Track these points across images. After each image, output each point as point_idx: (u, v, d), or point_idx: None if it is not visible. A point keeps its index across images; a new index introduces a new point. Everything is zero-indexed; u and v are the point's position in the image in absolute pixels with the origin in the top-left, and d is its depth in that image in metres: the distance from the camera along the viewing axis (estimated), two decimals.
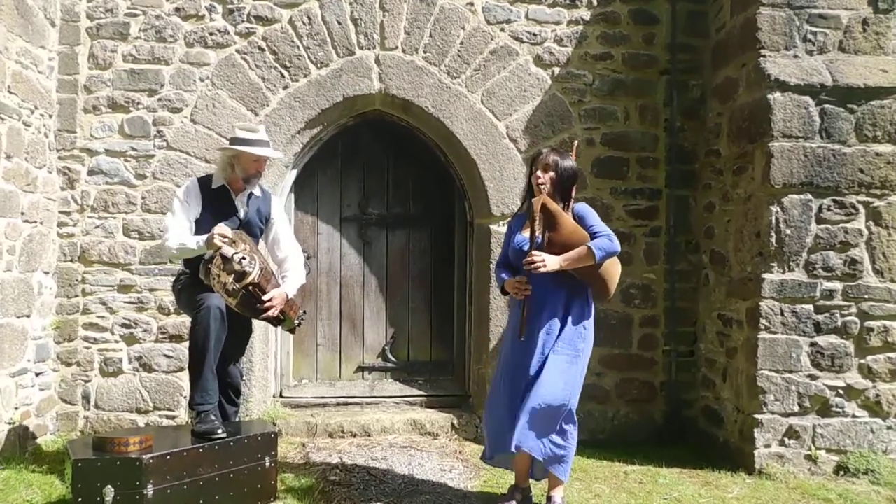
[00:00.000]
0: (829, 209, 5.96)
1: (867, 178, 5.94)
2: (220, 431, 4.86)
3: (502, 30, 6.90)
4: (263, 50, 6.73)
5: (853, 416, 5.99)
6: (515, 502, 4.98)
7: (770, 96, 5.94)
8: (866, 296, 5.96)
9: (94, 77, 6.64)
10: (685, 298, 7.03)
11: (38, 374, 6.32)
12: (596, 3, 6.97)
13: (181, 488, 4.55)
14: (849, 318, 5.97)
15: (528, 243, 4.73)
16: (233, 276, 4.86)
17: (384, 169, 7.47)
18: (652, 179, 7.04)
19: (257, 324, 5.80)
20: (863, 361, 5.99)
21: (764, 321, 5.95)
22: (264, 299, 5.03)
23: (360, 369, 7.51)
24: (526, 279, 4.72)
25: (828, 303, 5.97)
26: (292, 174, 7.10)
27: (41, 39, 6.30)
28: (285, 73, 6.74)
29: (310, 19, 6.75)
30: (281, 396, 7.18)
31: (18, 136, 5.91)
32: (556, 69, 6.95)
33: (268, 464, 5.01)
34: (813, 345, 5.97)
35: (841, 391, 5.98)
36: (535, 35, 6.92)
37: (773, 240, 5.94)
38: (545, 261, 4.59)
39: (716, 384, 6.64)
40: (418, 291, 7.57)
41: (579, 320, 4.78)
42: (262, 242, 5.50)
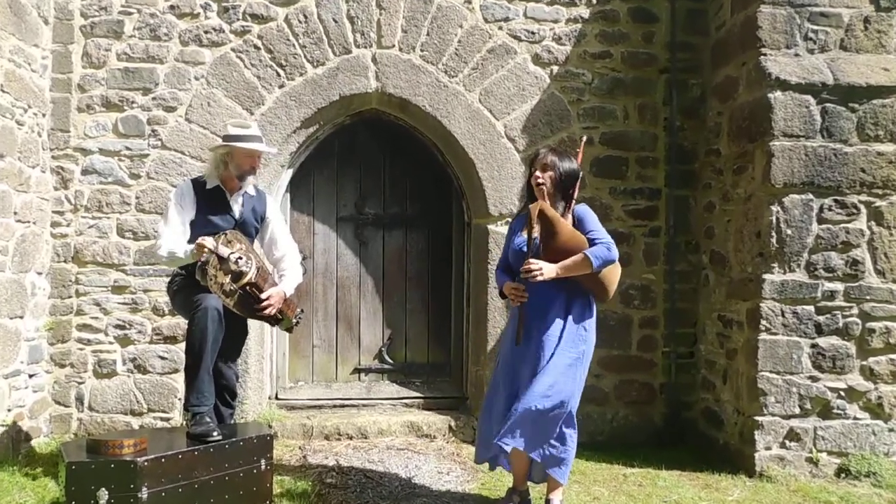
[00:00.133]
0: (830, 209, 5.92)
1: (869, 178, 5.91)
2: (215, 434, 4.81)
3: (500, 28, 6.86)
4: (259, 48, 6.68)
5: (855, 419, 5.95)
6: None
7: (771, 95, 5.90)
8: (868, 297, 5.92)
9: (87, 76, 6.59)
10: (685, 299, 7.00)
11: (31, 376, 6.27)
12: (595, 1, 6.93)
13: (176, 491, 4.51)
14: (850, 320, 5.93)
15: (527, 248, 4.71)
16: (229, 276, 4.85)
17: (381, 168, 7.42)
18: (651, 179, 7.00)
19: (253, 325, 5.77)
20: (864, 363, 5.95)
21: (764, 322, 5.91)
22: (262, 298, 5.02)
23: (357, 371, 7.47)
24: (523, 286, 4.70)
25: (829, 304, 5.93)
26: (288, 174, 7.05)
27: (34, 38, 6.25)
28: (281, 72, 6.70)
29: (306, 17, 6.70)
30: (276, 398, 7.13)
31: (11, 136, 5.86)
32: (555, 68, 6.91)
33: (263, 466, 4.95)
34: (814, 346, 5.93)
35: (842, 393, 5.94)
36: (533, 33, 6.88)
37: (774, 240, 5.90)
38: (542, 269, 4.57)
39: (716, 386, 6.60)
40: (415, 292, 7.52)
41: (580, 321, 4.75)
42: (257, 242, 5.46)
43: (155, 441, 4.77)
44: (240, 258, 4.85)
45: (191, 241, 4.94)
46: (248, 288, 4.93)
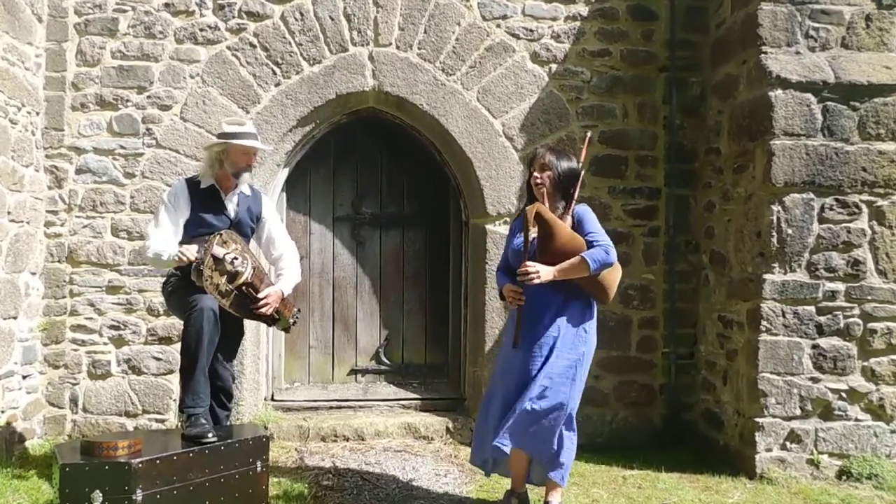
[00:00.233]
0: (831, 208, 5.87)
1: (870, 177, 5.86)
2: (210, 435, 4.78)
3: (498, 26, 6.81)
4: (255, 46, 6.64)
5: (856, 420, 5.91)
6: None
7: (771, 93, 5.86)
8: (869, 297, 5.88)
9: (82, 74, 6.54)
10: (685, 300, 6.96)
11: (24, 377, 6.22)
12: None
13: (171, 493, 4.48)
14: (851, 320, 5.89)
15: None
16: (225, 276, 4.82)
17: (378, 168, 7.37)
18: (651, 178, 6.96)
19: (249, 325, 5.73)
20: (866, 364, 5.91)
21: (765, 323, 5.87)
22: (259, 297, 4.99)
23: (354, 372, 7.41)
24: (520, 289, 4.67)
25: (830, 304, 5.89)
26: (284, 173, 7.01)
27: (28, 35, 6.20)
28: (277, 70, 6.65)
29: (302, 15, 6.65)
30: (273, 400, 7.08)
31: (5, 134, 5.81)
32: (554, 66, 6.87)
33: (259, 468, 4.92)
34: (815, 347, 5.88)
35: (844, 394, 5.89)
36: (531, 31, 6.83)
37: (775, 240, 5.86)
38: (539, 272, 4.55)
39: (716, 387, 6.56)
40: (413, 292, 7.47)
41: (580, 323, 4.72)
42: (254, 242, 5.42)
43: (150, 443, 4.75)
44: (235, 258, 4.83)
45: (184, 243, 4.93)
46: (244, 288, 4.90)
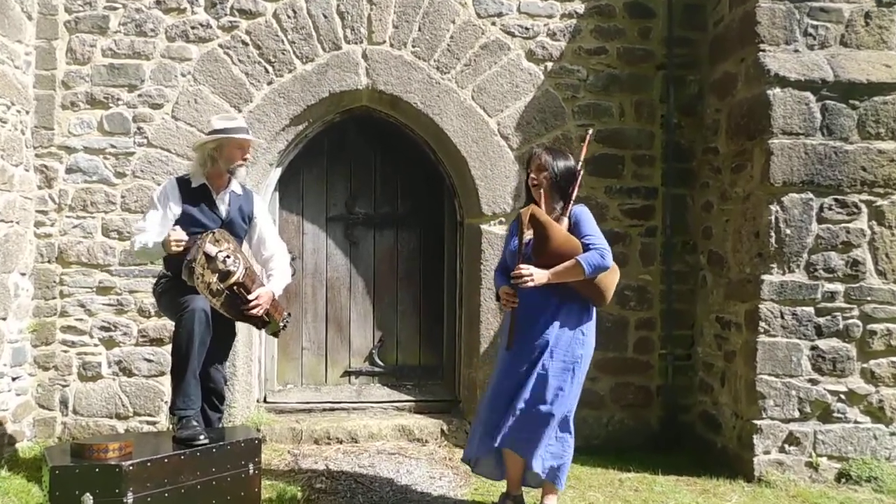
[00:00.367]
0: (830, 208, 5.83)
1: (870, 177, 5.82)
2: (202, 437, 4.76)
3: (493, 23, 6.76)
4: (247, 44, 6.58)
5: (855, 422, 5.87)
6: None
7: (770, 92, 5.82)
8: (869, 298, 5.84)
9: (72, 72, 6.48)
10: (682, 300, 6.91)
11: (14, 379, 6.16)
12: None
13: (162, 496, 4.49)
14: (851, 321, 5.84)
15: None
16: (217, 275, 4.79)
17: (371, 167, 7.32)
18: (648, 178, 6.91)
19: (241, 327, 5.68)
20: (865, 365, 5.87)
21: (763, 324, 5.83)
22: (250, 298, 4.95)
23: (347, 374, 7.36)
24: (514, 291, 4.65)
25: (829, 305, 5.85)
26: (276, 172, 6.95)
27: (17, 33, 6.14)
28: (269, 69, 6.60)
29: (295, 12, 6.59)
30: (265, 402, 7.03)
31: None
32: (549, 64, 6.81)
33: (251, 471, 4.91)
34: (814, 348, 5.84)
35: (843, 396, 5.85)
36: (527, 29, 6.78)
37: (773, 240, 5.82)
38: (532, 275, 4.53)
39: (714, 389, 6.51)
40: (407, 293, 7.42)
41: (576, 325, 4.70)
42: (245, 243, 5.37)
43: (140, 445, 4.76)
44: (227, 257, 4.81)
45: None
46: (235, 288, 4.87)
